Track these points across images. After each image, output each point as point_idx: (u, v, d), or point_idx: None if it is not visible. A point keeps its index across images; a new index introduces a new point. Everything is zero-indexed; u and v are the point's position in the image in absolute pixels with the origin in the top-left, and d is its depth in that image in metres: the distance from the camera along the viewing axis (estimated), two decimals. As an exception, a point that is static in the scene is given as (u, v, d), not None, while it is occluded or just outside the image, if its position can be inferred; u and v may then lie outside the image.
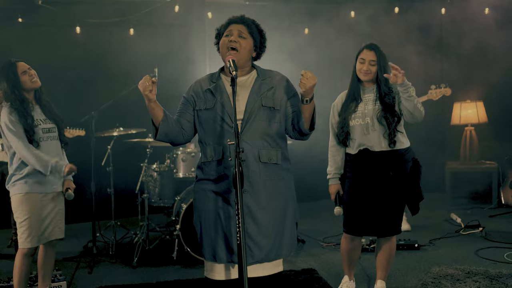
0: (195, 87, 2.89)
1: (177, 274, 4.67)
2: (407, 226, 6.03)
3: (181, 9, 7.23)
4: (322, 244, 5.51)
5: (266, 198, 2.74)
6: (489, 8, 7.56)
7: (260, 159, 2.73)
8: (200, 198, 2.84)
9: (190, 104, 2.85)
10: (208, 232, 2.78)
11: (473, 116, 7.35)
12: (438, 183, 7.79)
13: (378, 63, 3.73)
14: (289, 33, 7.41)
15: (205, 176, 2.81)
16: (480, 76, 7.54)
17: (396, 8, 7.94)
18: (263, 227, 2.73)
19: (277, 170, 2.80)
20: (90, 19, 6.96)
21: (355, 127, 3.76)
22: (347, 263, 4.04)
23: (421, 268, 4.65)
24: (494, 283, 4.14)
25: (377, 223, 3.77)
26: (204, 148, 2.81)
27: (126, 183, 6.17)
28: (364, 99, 3.79)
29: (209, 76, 2.91)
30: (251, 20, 2.86)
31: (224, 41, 2.78)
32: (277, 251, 2.80)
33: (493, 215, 6.69)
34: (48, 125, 3.76)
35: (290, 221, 2.87)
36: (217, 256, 2.75)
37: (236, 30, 2.77)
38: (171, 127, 2.76)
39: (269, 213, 2.75)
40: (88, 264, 4.97)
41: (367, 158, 3.74)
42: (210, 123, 2.77)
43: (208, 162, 2.78)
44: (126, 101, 5.80)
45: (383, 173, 3.73)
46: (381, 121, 3.71)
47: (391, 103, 3.73)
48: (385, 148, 3.72)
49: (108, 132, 5.61)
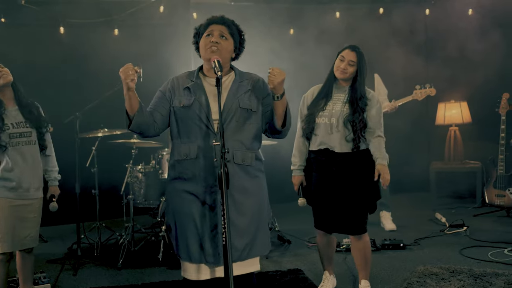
0: (172, 83, 2.87)
1: (163, 276, 4.65)
2: (392, 226, 6.06)
3: (166, 9, 7.21)
4: (308, 244, 5.51)
5: (240, 198, 2.75)
6: (473, 9, 7.63)
7: (235, 160, 2.73)
8: (173, 198, 2.82)
9: (166, 99, 2.83)
10: (184, 232, 2.77)
11: (457, 116, 7.42)
12: (422, 183, 7.84)
13: (357, 65, 3.77)
14: (274, 33, 7.42)
15: (178, 175, 2.79)
16: (464, 76, 7.60)
17: (381, 9, 7.98)
18: (239, 227, 2.73)
19: (251, 171, 2.81)
20: (74, 19, 6.92)
21: (320, 124, 3.80)
22: (324, 258, 4.14)
23: (407, 267, 4.67)
24: (478, 281, 4.17)
25: (343, 221, 3.82)
26: (178, 146, 2.79)
27: (111, 184, 6.14)
28: (334, 98, 3.83)
29: (187, 74, 2.90)
30: (231, 20, 2.85)
31: (205, 41, 2.77)
32: (250, 251, 2.79)
33: (477, 214, 6.74)
34: (21, 130, 3.65)
35: (264, 221, 2.89)
36: (192, 256, 2.74)
37: (217, 31, 2.77)
38: (144, 119, 2.74)
39: (243, 214, 2.76)
40: (73, 266, 4.92)
41: (329, 157, 3.80)
42: (186, 122, 2.76)
43: (182, 160, 2.76)
44: (111, 102, 5.76)
45: (344, 174, 3.79)
46: (346, 124, 3.74)
47: (363, 108, 3.76)
48: (346, 151, 3.77)
49: (93, 133, 5.57)
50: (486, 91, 7.25)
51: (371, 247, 4.03)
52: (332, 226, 3.89)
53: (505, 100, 6.41)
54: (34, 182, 3.72)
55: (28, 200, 3.69)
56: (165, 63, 6.73)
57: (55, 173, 3.98)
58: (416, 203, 7.53)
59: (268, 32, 7.34)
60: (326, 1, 7.82)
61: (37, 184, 3.75)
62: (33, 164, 3.72)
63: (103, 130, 5.58)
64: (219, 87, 2.58)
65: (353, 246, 3.97)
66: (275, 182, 6.99)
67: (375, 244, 5.24)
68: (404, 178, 7.65)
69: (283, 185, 4.03)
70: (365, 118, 3.76)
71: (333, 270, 4.25)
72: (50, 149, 3.92)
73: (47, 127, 3.88)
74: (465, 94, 7.60)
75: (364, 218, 3.86)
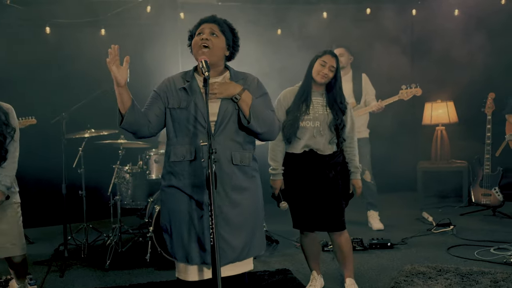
0: (167, 83, 2.84)
1: (151, 277, 4.63)
2: (380, 225, 6.09)
3: (153, 9, 7.18)
4: (296, 245, 5.51)
5: (237, 199, 2.75)
6: (459, 10, 7.68)
7: (233, 161, 2.73)
8: (169, 198, 2.80)
9: (161, 99, 2.81)
10: (180, 233, 2.75)
11: (444, 116, 7.46)
12: (410, 183, 7.88)
13: (336, 71, 3.87)
14: (261, 33, 7.42)
15: (175, 176, 2.77)
16: (450, 76, 7.65)
17: (368, 10, 8.00)
18: (235, 228, 2.73)
19: (248, 171, 2.81)
20: (60, 19, 6.87)
21: (306, 128, 3.85)
22: (310, 257, 4.17)
23: (394, 266, 4.69)
24: (465, 280, 4.19)
25: (323, 219, 3.88)
26: (175, 148, 2.77)
27: (98, 185, 6.10)
28: (314, 102, 3.89)
29: (182, 74, 2.88)
30: (222, 19, 2.85)
31: (196, 40, 2.76)
32: (249, 251, 2.80)
33: (463, 213, 6.79)
34: None
35: (260, 220, 2.90)
36: (189, 257, 2.73)
37: (207, 29, 2.76)
38: (137, 117, 2.70)
39: (241, 214, 2.75)
40: (60, 267, 4.89)
41: (311, 158, 3.87)
42: (183, 123, 2.74)
43: (179, 162, 2.75)
44: (98, 102, 5.73)
45: (325, 173, 3.86)
46: (331, 128, 3.85)
47: (343, 111, 3.89)
48: (329, 152, 3.88)
49: (80, 134, 5.53)
50: (472, 91, 7.31)
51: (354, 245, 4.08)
52: (312, 224, 3.94)
53: (491, 100, 6.46)
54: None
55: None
56: (152, 63, 6.70)
57: (6, 178, 3.58)
58: (403, 202, 7.56)
59: (256, 32, 7.33)
60: (313, 2, 7.83)
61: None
62: None
63: (90, 131, 5.54)
64: (206, 87, 2.57)
65: (335, 243, 4.02)
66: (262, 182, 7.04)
67: (363, 244, 5.25)
68: (391, 177, 7.70)
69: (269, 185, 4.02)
70: (344, 119, 3.89)
71: (321, 270, 4.27)
72: (8, 161, 3.62)
73: (12, 135, 3.64)
74: (452, 94, 7.64)
75: (342, 215, 3.93)
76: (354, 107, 5.78)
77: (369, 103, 5.95)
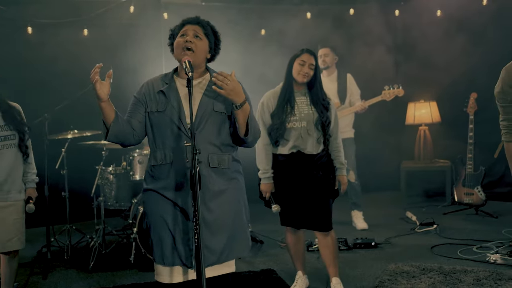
0: (146, 87, 2.82)
1: (135, 278, 4.61)
2: (364, 225, 6.11)
3: (136, 9, 7.14)
4: (281, 245, 5.52)
5: (215, 201, 2.72)
6: (441, 11, 7.74)
7: (210, 164, 2.70)
8: (149, 201, 2.80)
9: (141, 104, 2.78)
10: (158, 235, 2.74)
11: (426, 116, 7.52)
12: (393, 182, 7.92)
13: (316, 69, 3.88)
14: (245, 34, 7.42)
15: (155, 179, 2.76)
16: (433, 76, 7.70)
17: (351, 10, 8.04)
18: (214, 230, 2.71)
19: (228, 173, 2.79)
20: (42, 19, 6.81)
21: (293, 129, 3.85)
22: (295, 257, 4.19)
23: (378, 266, 4.71)
24: (448, 278, 4.23)
25: (310, 218, 3.89)
26: (154, 151, 2.76)
27: (82, 186, 6.05)
28: (298, 101, 3.90)
29: (162, 77, 2.85)
30: (206, 21, 2.82)
31: (179, 41, 2.73)
32: (228, 254, 2.78)
33: (446, 212, 6.84)
34: (4, 133, 3.70)
35: (242, 222, 2.86)
36: (165, 259, 2.72)
37: (191, 31, 2.73)
38: (121, 128, 2.69)
39: (219, 217, 2.73)
40: (43, 270, 4.84)
41: (299, 159, 3.87)
42: (161, 126, 2.72)
43: (158, 166, 2.73)
44: (81, 103, 5.69)
45: (313, 174, 3.87)
46: (317, 126, 3.85)
47: (326, 107, 3.90)
48: (316, 152, 3.88)
49: (62, 135, 5.49)
50: (455, 91, 7.37)
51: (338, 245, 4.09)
52: (299, 221, 3.95)
53: (473, 100, 6.52)
54: (15, 185, 3.77)
55: (8, 202, 3.72)
56: (136, 63, 6.67)
57: (33, 175, 3.97)
58: (387, 202, 7.60)
59: (239, 32, 7.33)
60: (297, 2, 7.85)
61: (18, 186, 3.80)
62: (13, 167, 3.75)
63: (72, 132, 5.50)
64: (190, 88, 2.54)
65: (321, 243, 4.02)
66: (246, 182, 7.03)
67: (347, 243, 5.27)
68: (375, 177, 7.75)
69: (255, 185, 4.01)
70: (328, 116, 3.89)
71: (305, 270, 4.28)
72: (30, 155, 3.95)
73: (28, 132, 3.91)
74: (434, 94, 7.70)
75: (330, 215, 3.94)
76: (338, 107, 5.80)
77: (354, 103, 5.97)
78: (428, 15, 7.77)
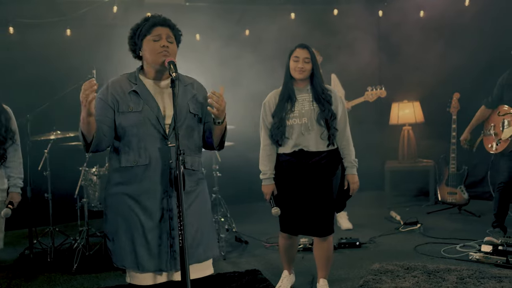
0: (113, 88, 2.71)
1: (119, 280, 4.58)
2: (348, 225, 6.13)
3: (119, 9, 7.09)
4: (265, 245, 5.52)
5: (188, 203, 2.70)
6: (424, 11, 7.79)
7: (185, 165, 2.67)
8: (117, 203, 2.69)
9: (109, 107, 2.67)
10: (131, 239, 2.66)
11: (410, 116, 7.56)
12: (377, 182, 7.95)
13: (312, 61, 3.79)
14: (229, 34, 7.41)
15: (126, 181, 2.66)
16: (417, 77, 7.75)
17: (335, 10, 8.06)
18: (191, 231, 2.68)
19: (197, 175, 2.79)
20: (24, 19, 6.73)
21: (293, 126, 3.78)
22: (286, 259, 4.15)
23: (363, 265, 4.73)
24: (432, 277, 4.25)
25: (312, 223, 3.82)
26: (126, 152, 2.66)
27: (65, 187, 6.00)
28: (299, 99, 3.82)
29: (127, 77, 2.78)
30: (172, 22, 2.78)
31: (154, 46, 2.66)
32: (205, 253, 2.76)
33: (430, 212, 6.89)
34: None
35: (211, 222, 2.88)
36: (140, 266, 2.64)
37: (164, 34, 2.69)
38: (100, 139, 2.61)
39: (193, 217, 2.71)
40: (25, 272, 4.80)
41: (301, 158, 3.78)
42: (137, 126, 2.64)
43: (130, 167, 2.64)
44: (64, 104, 5.64)
45: (316, 174, 3.78)
46: (319, 122, 3.75)
47: (329, 101, 3.80)
48: (321, 149, 3.78)
49: (45, 136, 5.43)
50: (438, 91, 7.42)
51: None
52: (299, 228, 3.87)
53: (456, 100, 6.56)
54: None
55: None
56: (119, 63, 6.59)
57: (18, 180, 3.94)
58: (371, 202, 7.63)
59: (224, 32, 7.32)
60: (281, 2, 7.86)
61: None
62: None
63: (55, 133, 5.44)
64: (175, 88, 2.52)
65: (318, 246, 3.97)
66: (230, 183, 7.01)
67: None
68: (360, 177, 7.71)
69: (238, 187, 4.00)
70: (332, 109, 3.79)
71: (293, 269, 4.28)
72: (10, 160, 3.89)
73: (12, 139, 3.85)
74: (418, 94, 7.75)
75: (331, 220, 3.88)
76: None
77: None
78: (411, 16, 7.81)
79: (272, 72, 7.20)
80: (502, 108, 5.14)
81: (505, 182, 5.11)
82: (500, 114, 5.12)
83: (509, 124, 4.96)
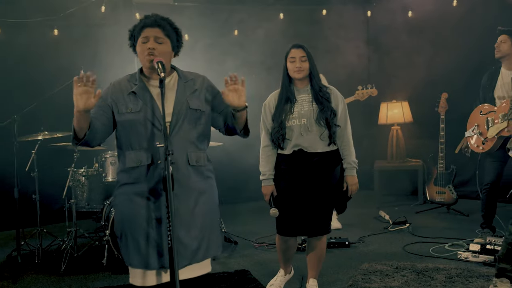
0: (113, 89, 2.75)
1: (107, 281, 4.55)
2: (338, 225, 6.13)
3: (107, 9, 7.07)
4: (255, 245, 5.51)
5: (195, 200, 2.71)
6: (412, 11, 7.83)
7: (189, 162, 2.69)
8: (124, 203, 2.72)
9: (108, 107, 2.71)
10: (136, 239, 2.68)
11: (399, 116, 7.60)
12: (366, 182, 7.96)
13: (308, 59, 3.77)
14: (218, 34, 7.40)
15: (132, 180, 2.69)
16: (405, 77, 7.79)
17: (324, 11, 8.08)
18: (193, 229, 2.69)
19: (204, 172, 2.79)
20: (10, 19, 6.68)
21: (292, 127, 3.74)
22: (283, 261, 4.11)
23: (352, 265, 4.74)
24: (420, 276, 4.27)
25: (309, 223, 3.80)
26: (129, 153, 2.70)
27: (53, 188, 5.96)
28: (299, 100, 3.79)
29: (128, 78, 2.80)
30: (165, 20, 2.76)
31: (142, 48, 2.68)
32: (206, 252, 2.77)
33: (419, 211, 6.92)
34: None
35: (216, 221, 2.89)
36: (147, 263, 2.66)
37: (152, 36, 2.68)
38: (94, 134, 2.63)
39: (198, 215, 2.72)
40: (13, 274, 4.75)
41: (301, 159, 3.75)
42: (136, 127, 2.67)
43: (135, 167, 2.67)
44: (51, 104, 5.60)
45: (316, 174, 3.75)
46: (319, 122, 3.72)
47: (327, 99, 3.77)
48: (321, 149, 3.75)
49: (32, 136, 5.39)
50: (426, 91, 7.46)
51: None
52: (297, 229, 3.84)
53: (444, 100, 6.59)
54: None
55: None
56: (108, 63, 6.59)
57: None
58: (360, 201, 7.61)
59: (212, 33, 7.31)
60: (270, 3, 7.87)
61: None
62: None
63: (43, 133, 5.40)
64: (163, 88, 2.52)
65: (311, 246, 3.97)
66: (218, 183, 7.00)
67: (321, 243, 5.29)
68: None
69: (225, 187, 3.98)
70: (332, 107, 3.77)
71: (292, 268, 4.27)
72: None
73: None
74: (406, 94, 7.79)
75: (330, 219, 3.88)
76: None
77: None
78: (400, 16, 7.85)
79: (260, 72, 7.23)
80: (483, 107, 5.17)
81: (491, 183, 5.13)
82: (483, 113, 5.14)
83: (494, 122, 4.98)
